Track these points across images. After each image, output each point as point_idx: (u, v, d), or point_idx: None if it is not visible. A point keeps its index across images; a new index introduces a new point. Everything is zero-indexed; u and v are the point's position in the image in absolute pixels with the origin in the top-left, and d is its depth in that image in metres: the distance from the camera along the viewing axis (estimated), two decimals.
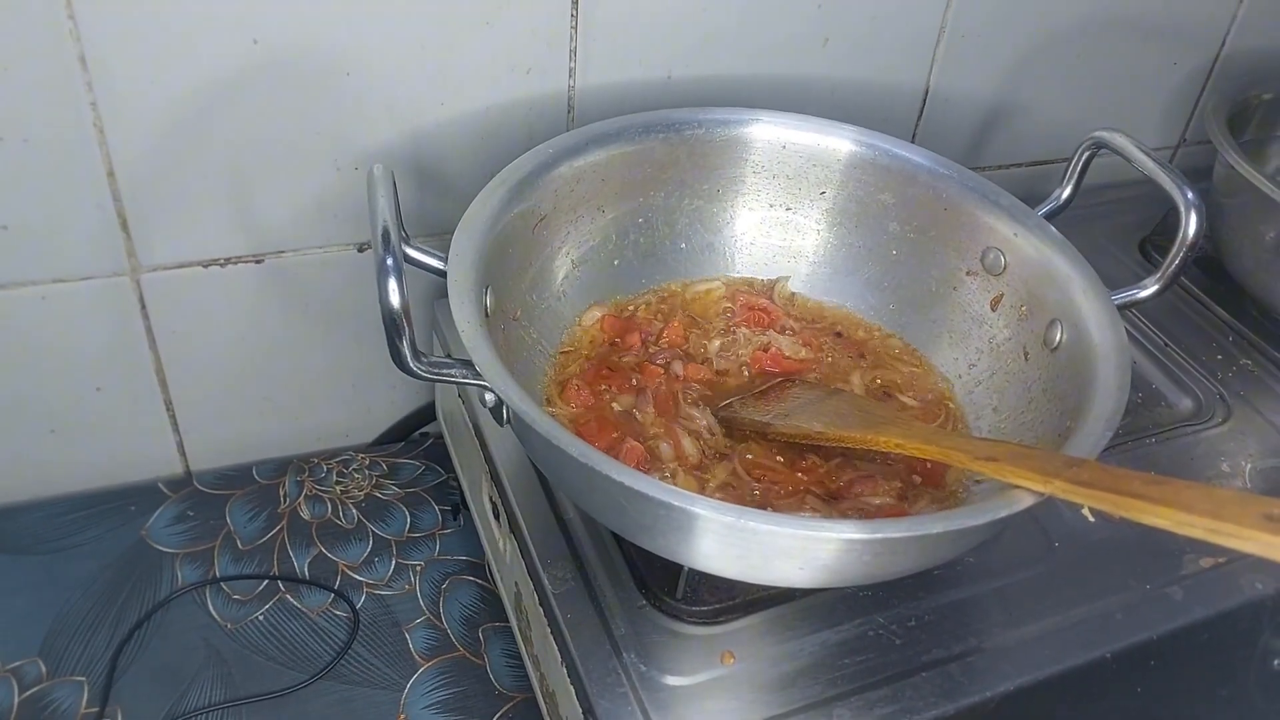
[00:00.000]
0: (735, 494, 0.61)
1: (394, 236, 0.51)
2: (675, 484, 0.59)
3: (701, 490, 0.60)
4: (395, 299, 0.49)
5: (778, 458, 0.63)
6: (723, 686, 0.56)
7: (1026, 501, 0.49)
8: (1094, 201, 0.98)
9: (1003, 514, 0.48)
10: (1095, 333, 0.60)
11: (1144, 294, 0.64)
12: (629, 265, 0.74)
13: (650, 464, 0.61)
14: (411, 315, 0.50)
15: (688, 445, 0.63)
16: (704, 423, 0.65)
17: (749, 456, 0.63)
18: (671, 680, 0.56)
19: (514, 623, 0.70)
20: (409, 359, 0.50)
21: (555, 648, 0.58)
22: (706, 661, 0.57)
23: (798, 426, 0.62)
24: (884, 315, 0.75)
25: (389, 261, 0.49)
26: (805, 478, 0.62)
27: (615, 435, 0.62)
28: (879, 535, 0.48)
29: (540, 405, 0.63)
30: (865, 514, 0.60)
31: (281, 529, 0.80)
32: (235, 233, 0.74)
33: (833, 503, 0.60)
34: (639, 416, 0.64)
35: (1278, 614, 0.65)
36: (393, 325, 0.49)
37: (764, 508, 0.58)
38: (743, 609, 0.60)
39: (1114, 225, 0.97)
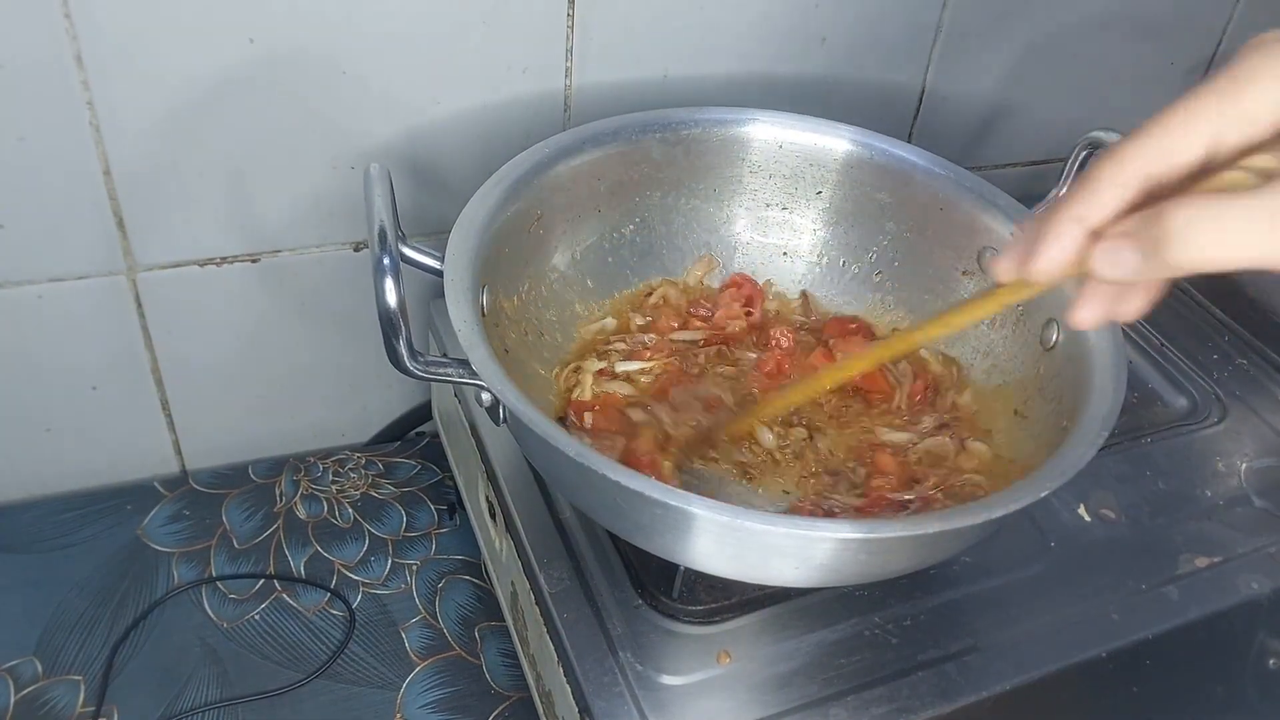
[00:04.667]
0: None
1: (391, 235, 0.51)
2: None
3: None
4: (392, 298, 0.49)
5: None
6: (719, 686, 0.56)
7: (1022, 501, 0.49)
8: None
9: (998, 513, 0.49)
10: (1092, 333, 0.60)
11: None
12: (625, 264, 0.74)
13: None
14: (408, 314, 0.50)
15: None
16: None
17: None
18: (668, 679, 0.56)
19: (510, 622, 0.70)
20: (406, 358, 0.50)
21: (551, 647, 0.58)
22: (703, 661, 0.57)
23: (810, 384, 0.63)
24: (880, 314, 0.75)
25: (385, 260, 0.49)
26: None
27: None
28: (874, 535, 0.48)
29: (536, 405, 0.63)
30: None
31: (278, 528, 0.80)
32: (231, 232, 0.74)
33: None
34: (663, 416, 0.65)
35: (1274, 614, 0.65)
36: (389, 324, 0.49)
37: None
38: (739, 608, 0.60)
39: None
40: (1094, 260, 0.39)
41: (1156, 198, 0.38)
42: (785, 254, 0.77)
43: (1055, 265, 0.41)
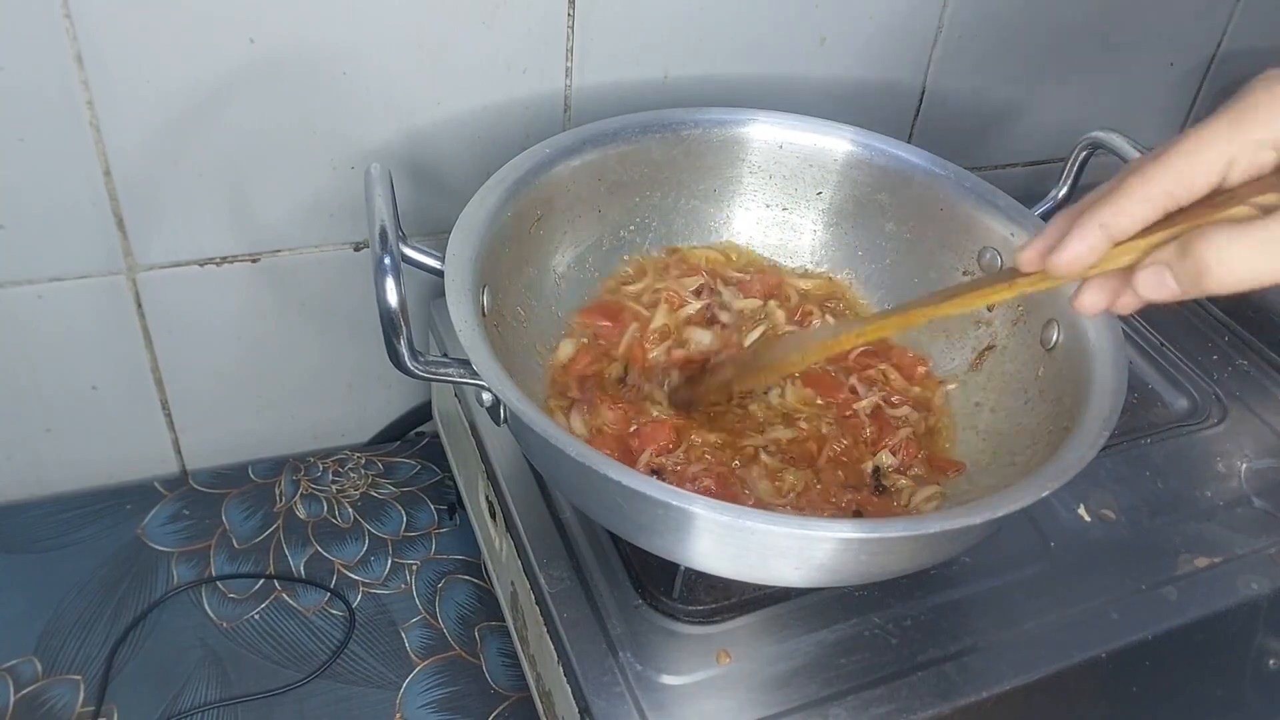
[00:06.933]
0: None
1: (391, 236, 0.51)
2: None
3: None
4: (393, 298, 0.49)
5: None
6: (719, 686, 0.56)
7: (1022, 501, 0.49)
8: None
9: (999, 513, 0.49)
10: (1092, 333, 0.60)
11: None
12: (625, 265, 0.74)
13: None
14: (409, 314, 0.50)
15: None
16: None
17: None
18: (668, 679, 0.56)
19: (510, 622, 0.70)
20: (406, 358, 0.50)
21: (551, 647, 0.58)
22: (703, 661, 0.57)
23: (764, 362, 0.63)
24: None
25: (386, 261, 0.49)
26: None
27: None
28: (875, 535, 0.48)
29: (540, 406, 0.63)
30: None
31: (277, 528, 0.80)
32: (231, 232, 0.74)
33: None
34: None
35: (1273, 614, 0.65)
36: (390, 324, 0.49)
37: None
38: (739, 608, 0.60)
39: None
40: (1138, 282, 0.44)
41: (1171, 215, 0.43)
42: (785, 254, 0.77)
43: (1078, 264, 0.45)
